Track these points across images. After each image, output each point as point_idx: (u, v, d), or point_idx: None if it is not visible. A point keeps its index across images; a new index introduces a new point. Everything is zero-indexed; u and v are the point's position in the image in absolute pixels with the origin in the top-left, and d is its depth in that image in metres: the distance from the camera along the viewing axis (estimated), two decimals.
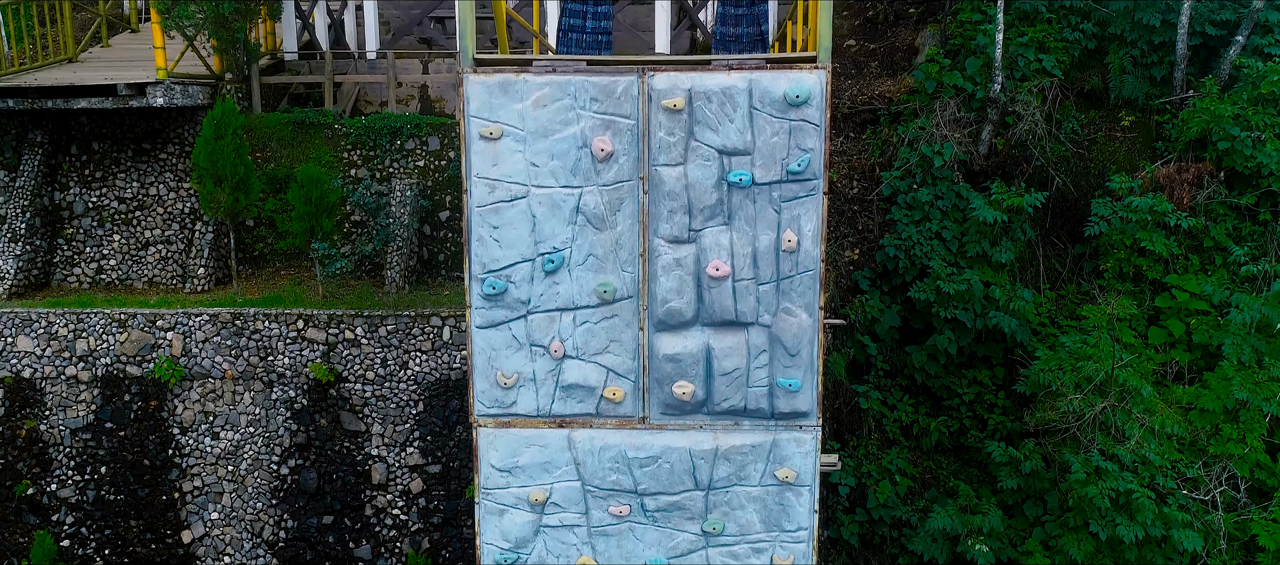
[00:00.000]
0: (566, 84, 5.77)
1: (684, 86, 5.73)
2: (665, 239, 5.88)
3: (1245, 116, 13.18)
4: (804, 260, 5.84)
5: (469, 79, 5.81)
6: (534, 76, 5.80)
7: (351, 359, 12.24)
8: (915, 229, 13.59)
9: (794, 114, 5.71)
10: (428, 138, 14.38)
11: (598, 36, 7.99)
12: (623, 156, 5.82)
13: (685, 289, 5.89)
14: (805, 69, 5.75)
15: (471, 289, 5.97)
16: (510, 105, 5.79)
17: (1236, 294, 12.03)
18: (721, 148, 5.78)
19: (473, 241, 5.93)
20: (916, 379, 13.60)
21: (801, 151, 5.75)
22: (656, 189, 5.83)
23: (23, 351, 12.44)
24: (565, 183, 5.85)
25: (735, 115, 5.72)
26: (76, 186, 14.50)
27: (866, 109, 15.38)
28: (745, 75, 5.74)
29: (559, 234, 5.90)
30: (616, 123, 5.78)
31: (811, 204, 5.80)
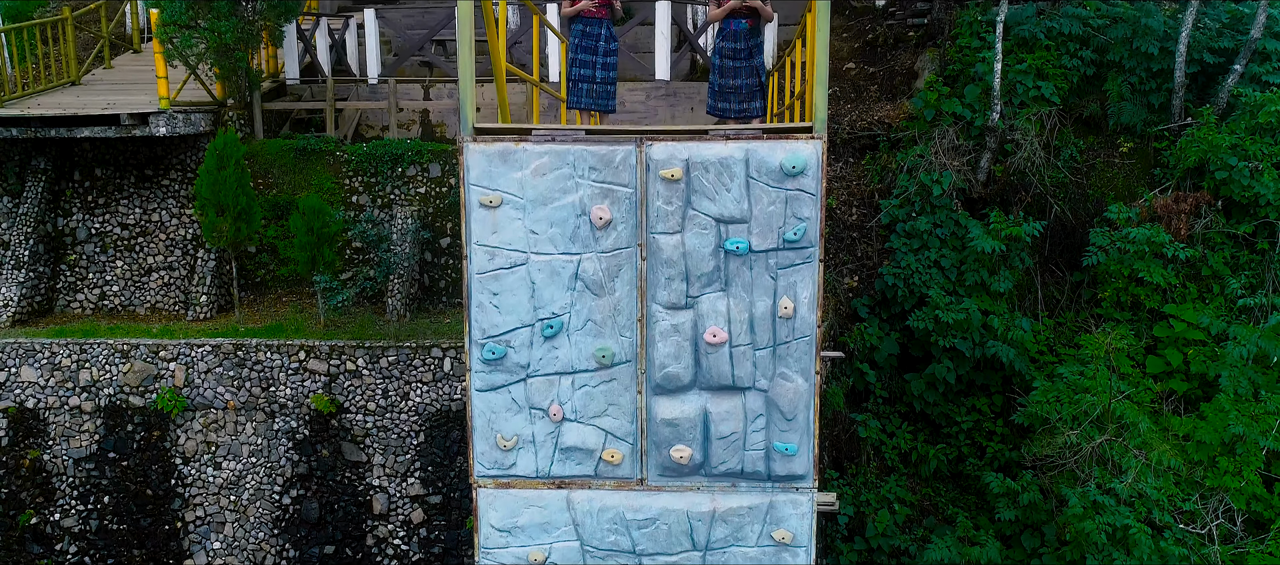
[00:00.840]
0: (565, 153, 5.83)
1: (681, 157, 5.80)
2: (663, 305, 5.95)
3: (1243, 146, 13.23)
4: (800, 326, 5.91)
5: (469, 147, 5.88)
6: (533, 145, 5.86)
7: (353, 390, 12.31)
8: (914, 257, 13.65)
9: (790, 184, 5.77)
10: (429, 164, 14.44)
11: (606, 86, 8.07)
12: (621, 224, 5.88)
13: (683, 354, 5.96)
14: (801, 139, 5.81)
15: (471, 353, 6.04)
16: (510, 174, 5.86)
17: (1234, 326, 12.08)
18: (718, 216, 5.85)
19: (472, 307, 6.00)
20: (915, 407, 13.67)
21: (798, 220, 5.81)
22: (654, 256, 5.90)
23: (26, 381, 12.52)
24: (564, 250, 5.92)
25: (732, 185, 5.79)
26: (79, 212, 14.58)
27: (866, 134, 15.44)
28: (742, 146, 5.80)
29: (558, 300, 5.96)
30: (615, 191, 5.85)
31: (808, 271, 5.86)
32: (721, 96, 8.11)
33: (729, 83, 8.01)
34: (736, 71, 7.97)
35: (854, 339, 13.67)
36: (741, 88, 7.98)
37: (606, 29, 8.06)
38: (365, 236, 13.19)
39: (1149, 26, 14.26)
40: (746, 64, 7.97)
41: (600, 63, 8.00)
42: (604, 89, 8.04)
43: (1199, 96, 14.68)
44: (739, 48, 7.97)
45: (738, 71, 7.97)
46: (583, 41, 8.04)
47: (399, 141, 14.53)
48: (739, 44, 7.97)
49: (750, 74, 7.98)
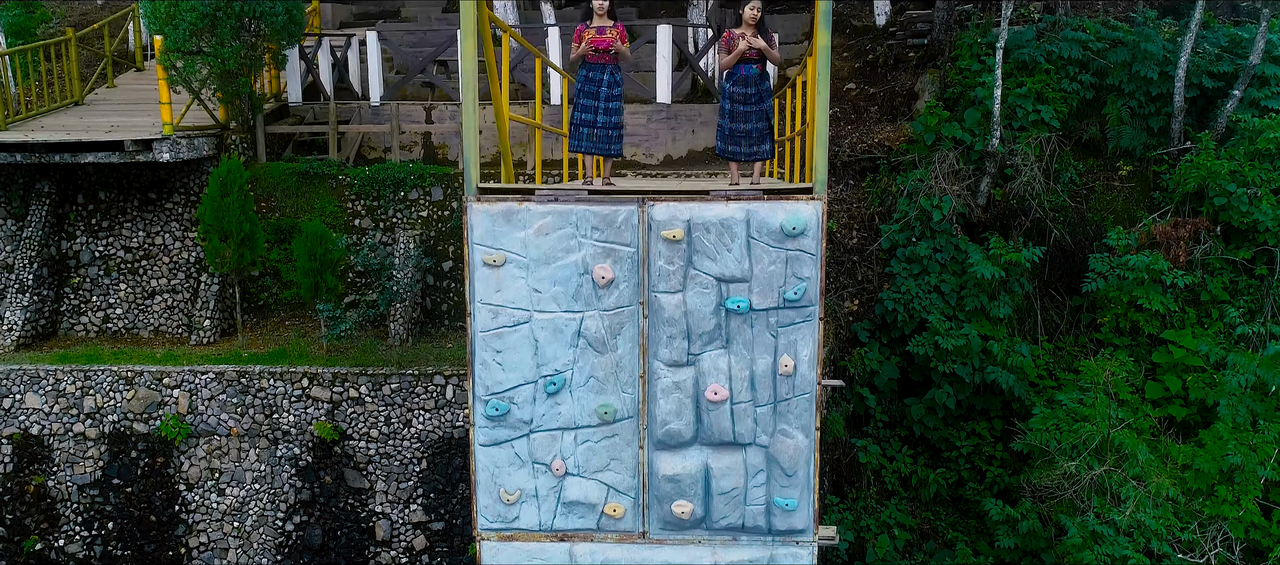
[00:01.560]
0: (568, 213, 5.90)
1: (683, 217, 5.86)
2: (664, 362, 6.01)
3: (1242, 173, 13.29)
4: (800, 384, 5.97)
5: (473, 207, 5.94)
6: (536, 205, 5.93)
7: (356, 417, 12.37)
8: (914, 282, 13.71)
9: (790, 244, 5.84)
10: (431, 188, 14.50)
11: (608, 130, 8.10)
12: (623, 283, 5.95)
13: (684, 411, 6.02)
14: (801, 200, 5.88)
15: (475, 409, 6.11)
16: (513, 233, 5.92)
17: (1232, 354, 12.13)
18: (719, 276, 5.91)
19: (476, 365, 6.06)
20: (915, 431, 13.72)
21: (798, 280, 5.87)
22: (656, 315, 5.96)
23: (31, 408, 12.59)
24: (567, 308, 5.99)
25: (733, 245, 5.85)
26: (83, 236, 14.64)
27: (866, 157, 15.49)
28: (743, 206, 5.86)
29: (561, 357, 6.03)
30: (617, 251, 5.91)
31: (808, 330, 5.92)
32: (732, 140, 8.12)
33: (739, 127, 8.02)
34: (746, 116, 7.99)
35: (854, 364, 13.72)
36: (751, 132, 8.00)
37: (609, 74, 8.10)
38: (368, 264, 13.24)
39: (1148, 51, 14.32)
40: (756, 108, 7.99)
41: (602, 107, 8.03)
42: (605, 133, 8.07)
43: (1198, 120, 14.74)
44: (749, 92, 8.00)
45: (748, 116, 7.99)
46: (585, 86, 8.09)
47: (401, 165, 14.59)
48: (749, 89, 8.00)
49: (760, 118, 8.00)
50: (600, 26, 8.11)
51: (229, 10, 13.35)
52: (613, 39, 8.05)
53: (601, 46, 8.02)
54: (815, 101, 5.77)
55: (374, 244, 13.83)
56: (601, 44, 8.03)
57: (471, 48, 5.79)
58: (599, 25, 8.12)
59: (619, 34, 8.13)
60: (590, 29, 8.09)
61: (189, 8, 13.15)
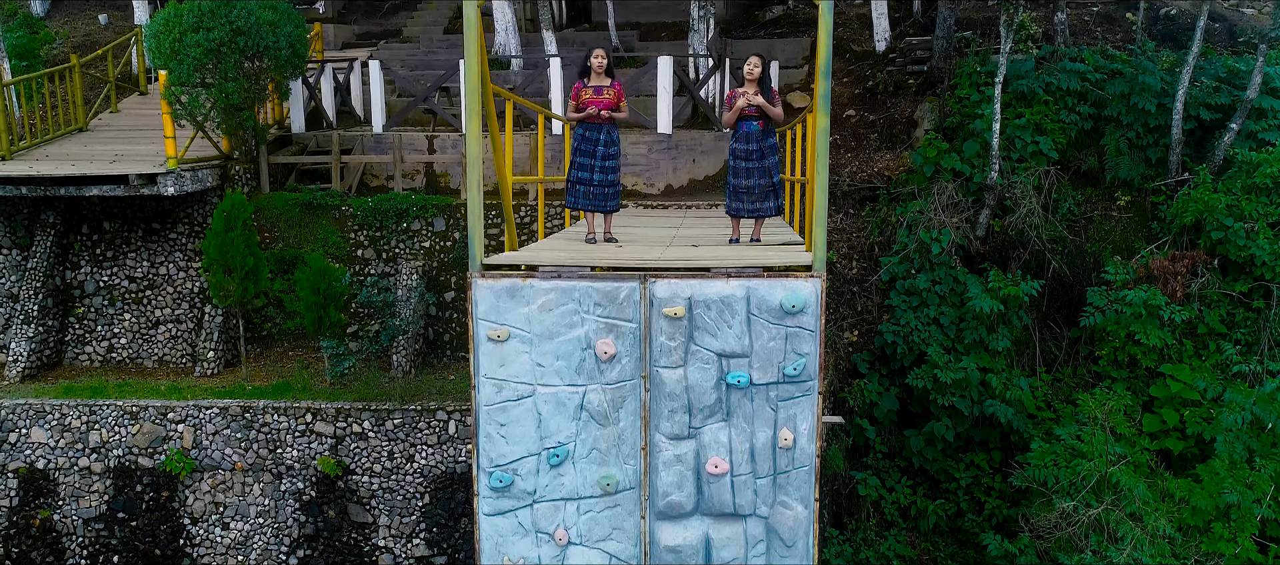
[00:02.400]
0: (571, 289, 5.99)
1: (684, 295, 5.95)
2: (666, 435, 6.10)
3: (1239, 206, 13.37)
4: (799, 456, 6.06)
5: (477, 283, 6.03)
6: (540, 282, 6.02)
7: (359, 452, 12.47)
8: (913, 315, 13.79)
9: (790, 321, 5.93)
10: (433, 219, 14.59)
11: (604, 189, 8.20)
12: (625, 358, 6.04)
13: (685, 483, 6.12)
14: (801, 277, 5.96)
15: (479, 479, 6.20)
16: (517, 309, 6.01)
17: (1229, 390, 12.21)
18: (720, 351, 6.00)
19: (480, 438, 6.16)
20: (914, 462, 13.81)
21: (797, 356, 5.96)
22: (657, 389, 6.06)
23: (36, 442, 12.68)
24: (570, 381, 6.08)
25: (733, 321, 5.94)
26: (88, 266, 14.74)
27: (866, 186, 15.58)
28: (743, 283, 5.95)
29: (564, 430, 6.12)
30: (619, 326, 6.00)
31: (807, 403, 6.01)
32: (736, 196, 8.23)
33: (742, 183, 8.13)
34: (749, 173, 8.09)
35: (853, 396, 13.81)
36: (754, 189, 8.10)
37: (606, 133, 8.18)
38: (371, 301, 13.33)
39: (1146, 84, 14.39)
40: (758, 165, 8.08)
41: (598, 166, 8.12)
42: (602, 191, 8.16)
43: (1196, 151, 14.82)
44: (751, 149, 8.10)
45: (750, 173, 8.09)
46: (582, 145, 8.17)
47: (404, 196, 14.68)
48: (751, 145, 8.10)
49: (763, 174, 8.09)
50: (597, 86, 8.18)
51: (233, 45, 13.43)
52: (610, 100, 8.13)
53: (598, 107, 8.10)
54: (814, 181, 5.86)
55: (377, 280, 13.91)
56: (598, 105, 8.10)
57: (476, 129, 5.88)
58: (596, 85, 8.19)
59: (616, 93, 8.21)
60: (587, 89, 8.16)
61: (193, 43, 13.23)
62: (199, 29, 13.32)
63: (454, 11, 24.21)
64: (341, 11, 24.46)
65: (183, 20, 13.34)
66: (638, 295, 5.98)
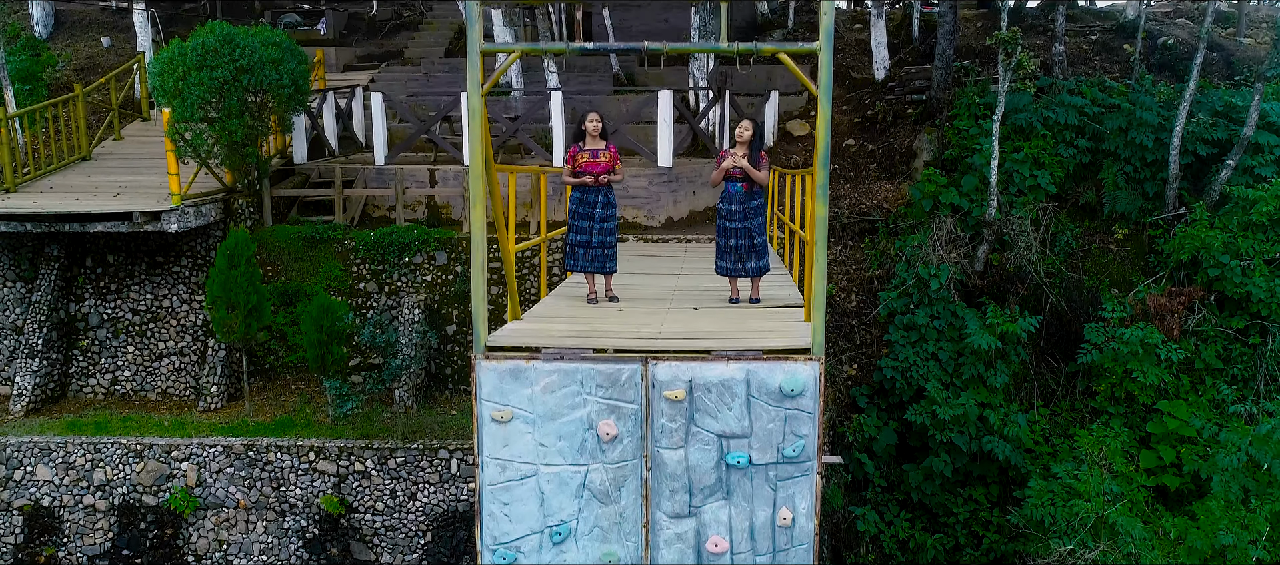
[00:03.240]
0: (573, 371, 6.08)
1: (685, 378, 6.05)
2: (667, 514, 6.20)
3: (1235, 243, 13.47)
4: (798, 535, 6.16)
5: (481, 365, 6.13)
6: (543, 364, 6.11)
7: (361, 490, 12.56)
8: (912, 350, 13.88)
9: (789, 403, 6.02)
10: (435, 252, 14.68)
11: (603, 250, 8.30)
12: (627, 438, 6.13)
13: (686, 561, 6.21)
14: (800, 360, 6.06)
15: (483, 556, 6.30)
16: (520, 390, 6.11)
17: (1224, 432, 12.30)
18: (720, 433, 6.10)
19: (484, 516, 6.25)
20: (913, 497, 13.90)
21: (796, 437, 6.06)
22: (659, 469, 6.15)
23: (41, 480, 12.78)
24: (572, 461, 6.17)
25: (733, 404, 6.04)
26: (91, 299, 14.82)
27: (865, 219, 15.67)
28: (743, 366, 6.05)
29: (566, 508, 6.22)
30: (621, 407, 6.10)
31: (806, 483, 6.11)
32: (721, 255, 8.37)
33: (726, 243, 8.27)
34: (732, 233, 8.23)
35: (852, 430, 13.91)
36: (737, 248, 8.23)
37: (603, 195, 8.28)
38: (374, 340, 13.42)
39: (1144, 119, 14.50)
40: (742, 226, 8.21)
41: (597, 228, 8.23)
42: (601, 252, 8.28)
43: (1193, 184, 14.92)
44: (735, 210, 8.23)
45: (733, 233, 8.22)
46: (580, 207, 8.27)
47: (405, 229, 14.76)
48: (735, 206, 8.23)
49: (746, 235, 8.22)
50: (593, 150, 8.27)
51: (237, 83, 13.52)
52: (606, 164, 8.23)
53: (595, 171, 8.20)
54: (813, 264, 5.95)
55: (378, 316, 13.99)
56: (594, 169, 8.20)
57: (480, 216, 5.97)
58: (592, 148, 8.28)
59: (612, 156, 8.31)
60: (583, 153, 8.25)
61: (197, 82, 13.32)
62: (203, 67, 13.40)
63: (455, 32, 24.33)
64: (343, 33, 24.56)
65: (186, 58, 13.42)
66: (639, 377, 6.08)
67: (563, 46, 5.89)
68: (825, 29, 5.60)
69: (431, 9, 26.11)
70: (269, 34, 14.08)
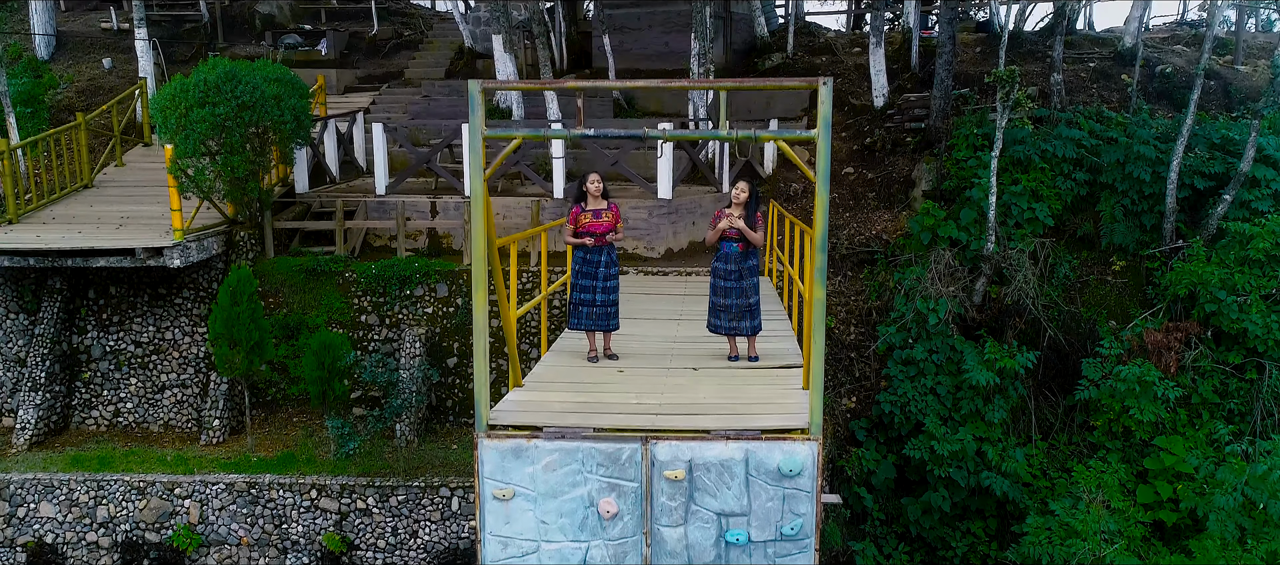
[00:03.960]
0: (574, 450, 6.16)
1: (685, 458, 6.13)
2: None
3: (1232, 280, 13.54)
4: None
5: (483, 443, 6.21)
6: (544, 442, 6.19)
7: (363, 528, 12.64)
8: (910, 385, 13.96)
9: (788, 483, 6.10)
10: (436, 284, 14.75)
11: (606, 308, 8.39)
12: (627, 515, 6.21)
13: None
14: (798, 439, 6.14)
15: None
16: (522, 468, 6.19)
17: (1221, 470, 12.37)
18: (720, 511, 6.18)
19: None
20: (912, 530, 13.98)
21: (795, 516, 6.14)
22: (659, 545, 6.23)
23: (45, 517, 12.86)
24: (573, 538, 6.25)
25: (732, 483, 6.12)
26: (94, 330, 14.90)
27: (864, 249, 15.74)
28: (742, 445, 6.13)
29: None
30: (621, 486, 6.18)
31: (803, 560, 6.19)
32: (715, 313, 8.46)
33: (720, 302, 8.35)
34: (727, 292, 8.31)
35: (851, 464, 13.98)
36: (732, 307, 8.32)
37: (606, 254, 8.36)
38: (376, 379, 13.49)
39: (1141, 153, 14.57)
40: (737, 285, 8.29)
41: (600, 287, 8.32)
42: (604, 311, 8.36)
43: (1190, 216, 14.99)
44: (730, 269, 8.31)
45: (729, 292, 8.30)
46: (583, 266, 8.35)
47: (406, 261, 14.82)
48: (730, 266, 8.31)
49: (741, 294, 8.31)
50: (595, 210, 8.35)
51: (239, 120, 13.59)
52: (608, 223, 8.31)
53: (597, 231, 8.28)
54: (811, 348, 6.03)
55: (380, 358, 14.04)
56: (597, 229, 8.28)
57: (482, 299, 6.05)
58: (594, 208, 8.36)
59: (613, 216, 8.39)
60: (586, 213, 8.33)
61: (200, 119, 13.39)
62: (205, 104, 13.47)
63: (455, 52, 24.40)
64: (344, 52, 24.64)
65: (189, 95, 13.49)
66: (639, 456, 6.16)
67: (565, 133, 5.95)
68: (823, 118, 5.68)
69: (432, 28, 26.18)
70: (271, 69, 14.14)
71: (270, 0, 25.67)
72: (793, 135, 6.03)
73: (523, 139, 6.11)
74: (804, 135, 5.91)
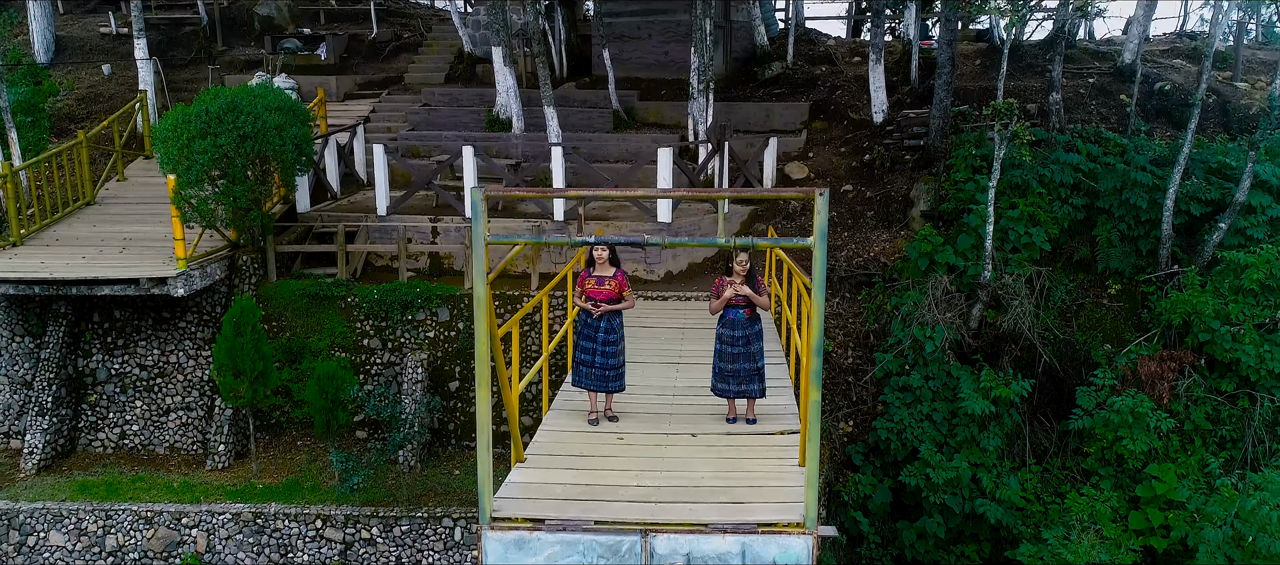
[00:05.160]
0: (576, 542, 6.33)
1: (683, 550, 6.29)
2: None
3: (1226, 310, 13.68)
4: None
5: (487, 535, 6.37)
6: (547, 534, 6.35)
7: (368, 557, 12.86)
8: (907, 412, 14.13)
9: None
10: (438, 309, 14.89)
11: (605, 371, 8.54)
12: None
13: None
14: (794, 533, 6.30)
15: None
16: (525, 560, 6.35)
17: (1211, 502, 12.57)
18: None
19: None
20: (907, 554, 14.20)
21: None
22: None
23: (55, 546, 13.07)
24: None
25: None
26: (99, 354, 15.05)
27: (862, 272, 15.86)
28: (739, 538, 6.29)
29: None
30: None
31: None
32: (721, 378, 8.60)
33: (728, 367, 8.49)
34: (735, 358, 8.45)
35: (848, 490, 14.19)
36: (739, 372, 8.47)
37: (606, 321, 8.49)
38: (380, 413, 13.66)
39: (1139, 180, 14.65)
40: (744, 350, 8.44)
41: (600, 350, 8.47)
42: (603, 373, 8.52)
43: (1187, 239, 15.10)
44: (737, 335, 8.45)
45: (737, 358, 8.45)
46: (584, 329, 8.50)
47: (408, 286, 14.94)
48: (737, 332, 8.45)
49: (748, 359, 8.46)
50: (600, 276, 8.48)
51: (241, 151, 13.66)
52: (612, 291, 8.43)
53: (599, 298, 8.41)
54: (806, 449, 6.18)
55: (383, 390, 14.20)
56: (601, 296, 8.41)
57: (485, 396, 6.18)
58: (599, 275, 8.49)
59: (618, 284, 8.51)
60: (591, 280, 8.47)
61: (201, 150, 13.46)
62: (207, 135, 13.54)
63: (455, 55, 24.37)
64: (344, 56, 24.62)
65: (191, 125, 13.55)
66: (639, 548, 6.32)
67: (566, 239, 6.06)
68: (819, 229, 5.79)
69: (431, 29, 26.13)
70: (272, 98, 14.19)
71: (269, 1, 25.60)
72: (789, 243, 6.13)
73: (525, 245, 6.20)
74: (800, 243, 6.02)
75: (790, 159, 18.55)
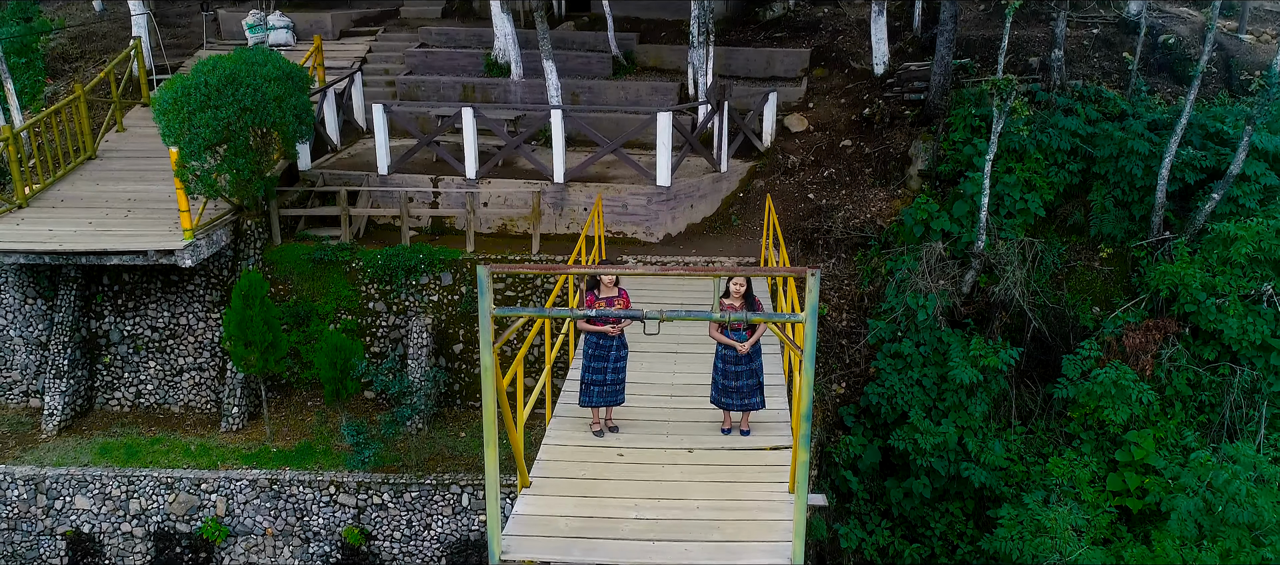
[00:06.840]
0: None
1: None
2: None
3: (1212, 282, 13.96)
4: None
5: None
6: None
7: (380, 521, 13.50)
8: (897, 377, 14.58)
9: None
10: (441, 273, 15.18)
11: (614, 387, 8.95)
12: None
13: None
14: None
15: None
16: None
17: (1185, 473, 13.12)
18: None
19: None
20: (894, 511, 14.88)
21: None
22: None
23: (81, 509, 13.70)
24: None
25: None
26: (111, 315, 15.41)
27: (858, 233, 16.07)
28: None
29: None
30: None
31: None
32: (725, 393, 8.95)
33: (731, 384, 8.85)
34: (737, 375, 8.80)
35: (839, 451, 14.76)
36: (742, 388, 8.84)
37: (618, 340, 8.82)
38: (388, 389, 14.08)
39: (1135, 148, 14.74)
40: (745, 368, 8.79)
41: (611, 368, 8.84)
42: (613, 389, 8.91)
43: (1180, 204, 15.27)
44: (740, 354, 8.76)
45: (739, 375, 8.80)
46: (596, 351, 8.84)
47: (412, 250, 15.18)
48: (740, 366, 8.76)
49: (749, 376, 8.81)
50: (608, 298, 8.78)
51: (242, 123, 13.71)
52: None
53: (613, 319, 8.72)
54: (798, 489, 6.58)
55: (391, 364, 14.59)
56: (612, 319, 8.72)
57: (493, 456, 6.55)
58: (607, 297, 8.79)
59: (624, 304, 8.80)
60: (599, 302, 8.75)
61: (203, 123, 13.51)
62: (207, 108, 13.57)
63: None
64: None
65: (191, 99, 13.56)
66: None
67: (570, 313, 6.33)
68: (810, 306, 6.05)
69: None
70: (272, 68, 14.14)
71: None
72: (784, 317, 6.39)
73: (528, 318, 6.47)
74: (793, 318, 6.28)
75: (790, 110, 18.51)
